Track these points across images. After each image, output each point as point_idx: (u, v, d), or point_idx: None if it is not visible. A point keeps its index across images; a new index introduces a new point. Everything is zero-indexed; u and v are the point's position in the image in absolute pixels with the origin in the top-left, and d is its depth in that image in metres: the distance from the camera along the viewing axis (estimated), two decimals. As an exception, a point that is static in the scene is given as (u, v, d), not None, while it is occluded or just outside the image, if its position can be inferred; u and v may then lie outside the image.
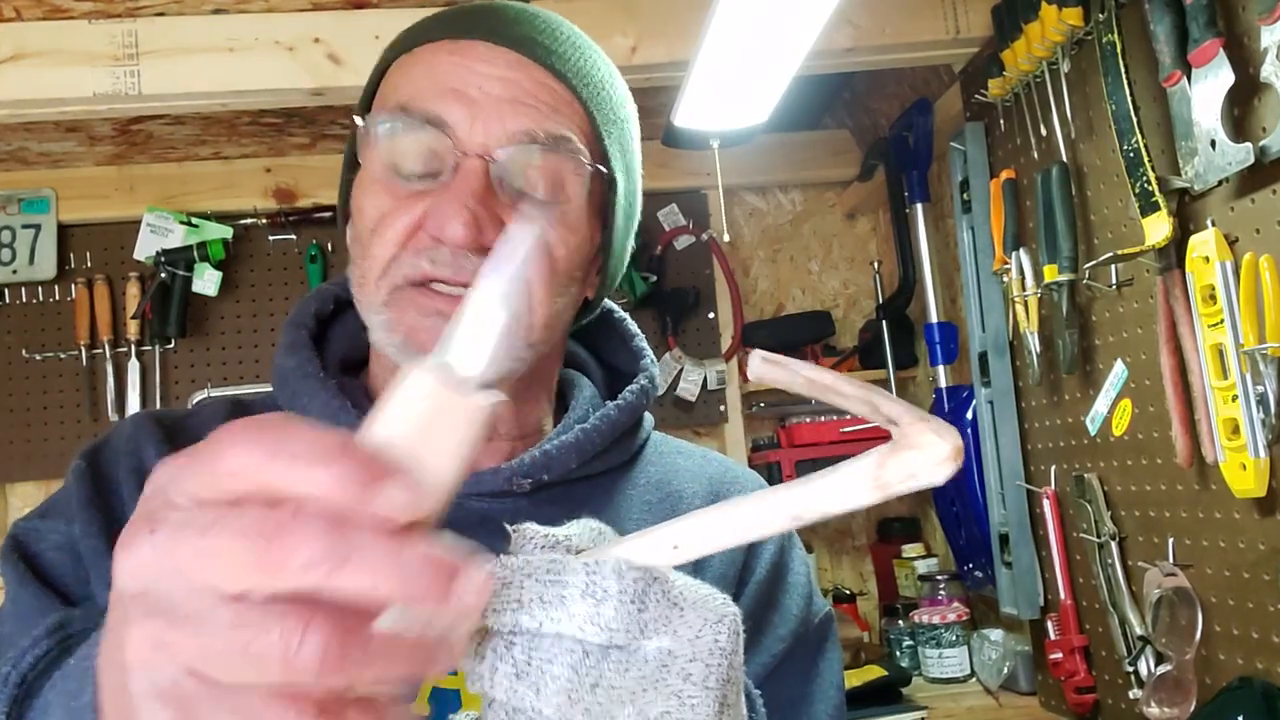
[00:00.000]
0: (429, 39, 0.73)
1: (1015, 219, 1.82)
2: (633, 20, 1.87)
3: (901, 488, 0.39)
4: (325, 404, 0.74)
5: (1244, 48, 1.27)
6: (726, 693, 0.41)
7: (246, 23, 1.82)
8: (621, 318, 0.88)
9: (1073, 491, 1.74)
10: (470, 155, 0.68)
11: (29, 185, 2.54)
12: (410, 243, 0.69)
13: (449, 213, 0.66)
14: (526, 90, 0.70)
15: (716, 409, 2.70)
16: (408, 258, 0.69)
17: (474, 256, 0.67)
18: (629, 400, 0.80)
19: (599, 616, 0.39)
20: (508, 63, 0.71)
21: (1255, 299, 1.24)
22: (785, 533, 0.84)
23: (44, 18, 1.77)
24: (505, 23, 0.73)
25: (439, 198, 0.68)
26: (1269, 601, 1.31)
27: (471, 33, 0.72)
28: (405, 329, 0.69)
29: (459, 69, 0.70)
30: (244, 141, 2.51)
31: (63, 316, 2.54)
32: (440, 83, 0.70)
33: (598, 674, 0.39)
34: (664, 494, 0.81)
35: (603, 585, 0.39)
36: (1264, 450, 1.27)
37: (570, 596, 0.39)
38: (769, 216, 2.91)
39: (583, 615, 0.39)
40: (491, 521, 0.73)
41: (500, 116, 0.69)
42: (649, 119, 2.53)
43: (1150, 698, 1.49)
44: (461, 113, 0.69)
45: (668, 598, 0.41)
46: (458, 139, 0.68)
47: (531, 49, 0.72)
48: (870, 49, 1.94)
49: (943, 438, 0.39)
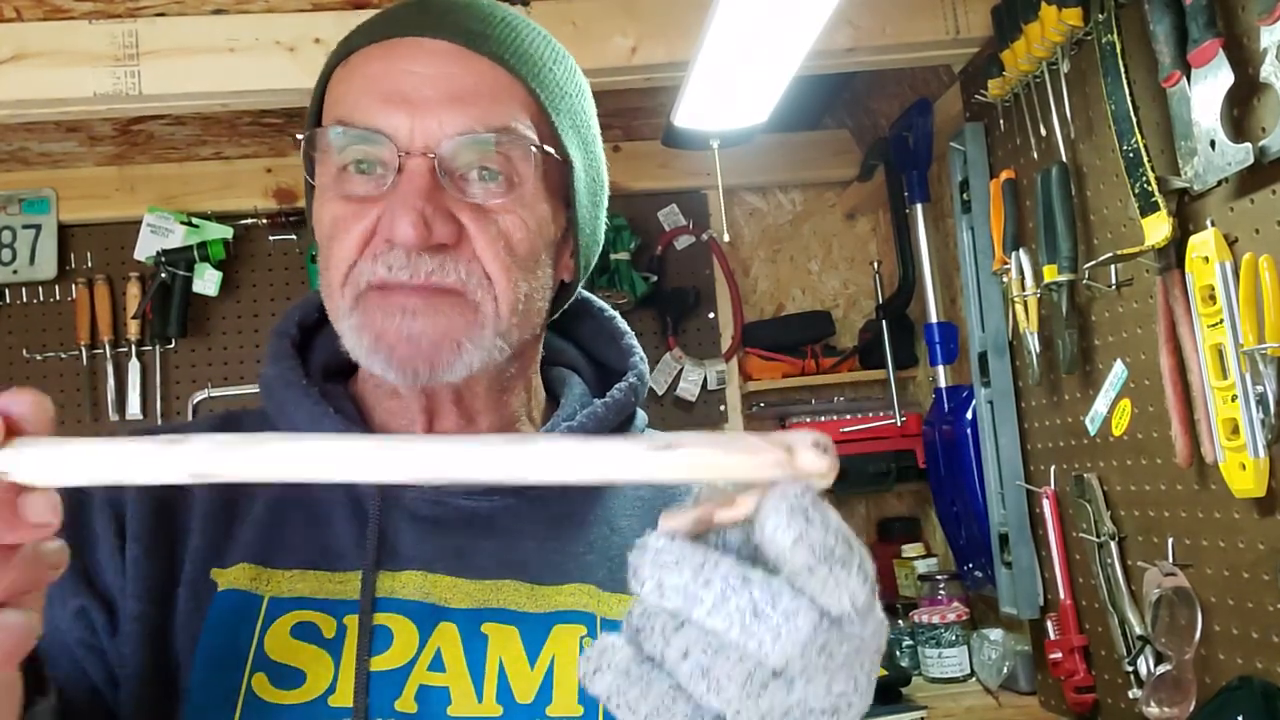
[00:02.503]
0: (360, 45, 0.73)
1: (1015, 219, 1.82)
2: (633, 20, 1.87)
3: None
4: (309, 411, 0.74)
5: (1243, 48, 1.28)
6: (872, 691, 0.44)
7: (247, 23, 1.82)
8: (611, 315, 0.87)
9: (1072, 491, 1.74)
10: (413, 155, 0.68)
11: (30, 185, 2.54)
12: (367, 249, 0.69)
13: (398, 214, 0.66)
14: (463, 83, 0.70)
15: (716, 409, 2.70)
16: (365, 264, 0.69)
17: (427, 256, 0.67)
18: (616, 398, 0.79)
19: (858, 595, 0.41)
20: (441, 57, 0.70)
21: (1255, 299, 1.24)
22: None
23: (44, 18, 1.77)
24: (435, 16, 0.72)
25: (389, 201, 0.68)
26: (1269, 601, 1.31)
27: (401, 31, 0.71)
28: (373, 332, 0.69)
29: (391, 73, 0.70)
30: (244, 142, 2.51)
31: (63, 316, 2.54)
32: (374, 90, 0.69)
33: (826, 639, 0.41)
34: (656, 490, 0.80)
35: (868, 566, 0.42)
36: (1263, 450, 1.27)
37: (853, 567, 0.41)
38: (769, 216, 2.91)
39: (853, 588, 0.41)
40: (478, 519, 0.74)
41: (438, 117, 0.68)
42: (649, 119, 2.53)
43: (1150, 697, 1.49)
44: (400, 119, 0.68)
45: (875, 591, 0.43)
46: (399, 144, 0.68)
47: (464, 38, 0.70)
48: (870, 49, 1.94)
49: (821, 446, 0.42)
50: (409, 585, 0.70)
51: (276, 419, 0.76)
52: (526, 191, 0.71)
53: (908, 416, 2.52)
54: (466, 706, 0.67)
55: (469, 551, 0.71)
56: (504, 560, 0.72)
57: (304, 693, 0.66)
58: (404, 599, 0.69)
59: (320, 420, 0.73)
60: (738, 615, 0.40)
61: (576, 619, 0.71)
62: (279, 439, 0.42)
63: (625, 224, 2.56)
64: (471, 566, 0.71)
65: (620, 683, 0.42)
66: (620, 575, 0.73)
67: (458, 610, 0.70)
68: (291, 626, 0.68)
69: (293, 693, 0.66)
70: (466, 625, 0.69)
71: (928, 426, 2.32)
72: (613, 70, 1.86)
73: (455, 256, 0.68)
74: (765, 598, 0.40)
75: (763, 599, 0.40)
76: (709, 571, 0.41)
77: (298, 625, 0.68)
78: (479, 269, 0.69)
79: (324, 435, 0.43)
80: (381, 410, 0.77)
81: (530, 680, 0.69)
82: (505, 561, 0.72)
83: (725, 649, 0.41)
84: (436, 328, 0.68)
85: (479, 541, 0.72)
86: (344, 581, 0.70)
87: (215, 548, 0.70)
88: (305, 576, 0.70)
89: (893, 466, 2.51)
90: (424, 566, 0.71)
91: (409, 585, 0.70)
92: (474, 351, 0.69)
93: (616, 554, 0.75)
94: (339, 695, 0.66)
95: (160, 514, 0.71)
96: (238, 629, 0.67)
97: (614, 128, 2.59)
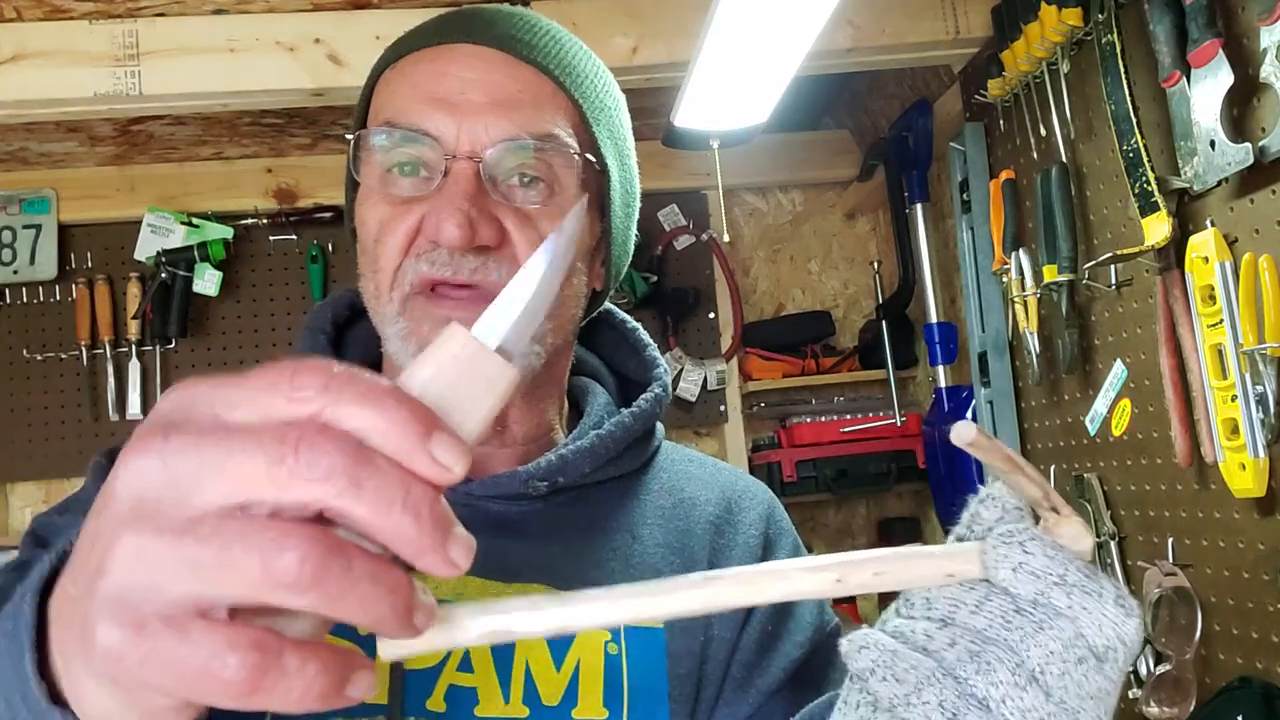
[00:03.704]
0: (410, 50, 0.74)
1: (1015, 219, 1.82)
2: (633, 20, 1.87)
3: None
4: None
5: (1243, 48, 1.28)
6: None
7: (247, 23, 1.82)
8: (634, 327, 0.89)
9: (1072, 491, 1.74)
10: (459, 158, 0.69)
11: (30, 185, 2.54)
12: (411, 248, 0.70)
13: (443, 215, 0.67)
14: (509, 90, 0.71)
15: (716, 409, 2.70)
16: (410, 263, 0.70)
17: (471, 256, 0.69)
18: (643, 408, 0.80)
19: (1122, 627, 0.43)
20: (488, 63, 0.72)
21: (1254, 299, 1.24)
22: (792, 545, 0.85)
23: (44, 18, 1.77)
24: (483, 24, 0.74)
25: (434, 202, 0.69)
26: (1269, 601, 1.31)
27: (449, 37, 0.73)
28: (420, 338, 0.70)
29: (439, 76, 0.71)
30: (245, 142, 2.51)
31: (63, 316, 2.54)
32: (423, 93, 0.71)
33: (1083, 655, 0.43)
34: (676, 500, 0.81)
35: (1130, 602, 0.43)
36: (1263, 450, 1.27)
37: (1106, 598, 0.43)
38: (769, 216, 2.91)
39: (1111, 618, 0.42)
40: (508, 523, 0.74)
41: (484, 121, 0.70)
42: (649, 119, 2.52)
43: (1150, 697, 1.49)
44: (446, 121, 0.70)
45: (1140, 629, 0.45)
46: (446, 146, 0.69)
47: (512, 46, 0.72)
48: (870, 49, 1.94)
49: (1087, 535, 0.45)
50: (442, 586, 0.70)
51: None
52: (566, 198, 0.72)
53: (908, 416, 2.52)
54: (494, 707, 0.68)
55: (499, 554, 0.72)
56: (532, 564, 0.73)
57: None
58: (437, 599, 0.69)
59: None
60: (999, 614, 0.43)
61: None
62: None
63: (625, 224, 2.55)
64: (501, 569, 0.72)
65: (887, 658, 0.44)
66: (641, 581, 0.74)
67: None
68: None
69: None
70: None
71: (928, 426, 2.32)
72: (613, 70, 1.83)
73: (497, 258, 0.70)
74: (1027, 604, 0.43)
75: (1024, 604, 0.43)
76: (973, 583, 0.44)
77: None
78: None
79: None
80: None
81: (556, 683, 0.69)
82: (534, 565, 0.73)
83: (992, 642, 0.43)
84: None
85: (509, 545, 0.73)
86: None
87: None
88: None
89: (893, 466, 2.51)
90: None
91: (442, 586, 0.70)
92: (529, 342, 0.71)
93: (638, 560, 0.75)
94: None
95: None
96: None
97: (614, 128, 2.59)
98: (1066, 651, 0.42)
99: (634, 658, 0.71)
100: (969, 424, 0.44)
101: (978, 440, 0.44)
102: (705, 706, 0.73)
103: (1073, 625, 0.42)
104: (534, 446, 0.79)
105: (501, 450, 0.78)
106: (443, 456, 0.34)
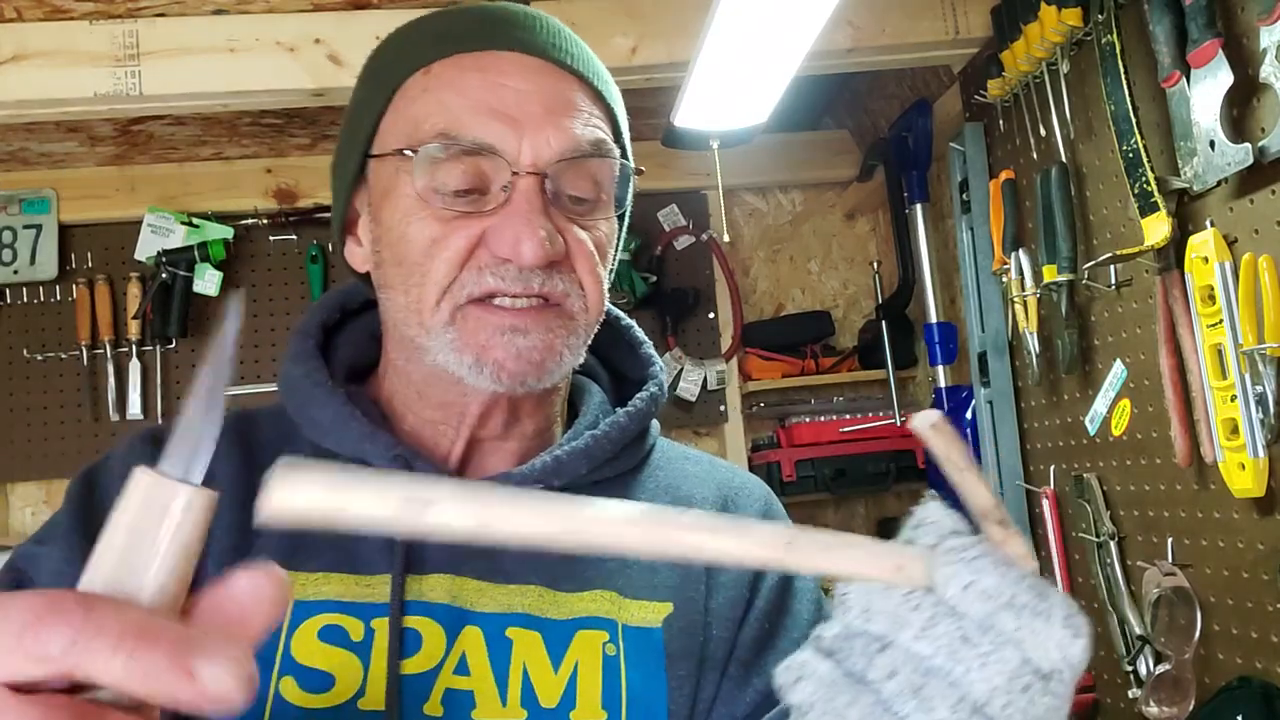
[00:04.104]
0: (444, 54, 0.73)
1: (1014, 219, 1.82)
2: (633, 20, 1.87)
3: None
4: (336, 412, 0.74)
5: (1243, 48, 1.28)
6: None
7: (247, 23, 1.82)
8: (629, 325, 0.89)
9: (1072, 491, 1.74)
10: (524, 174, 0.69)
11: (30, 185, 2.54)
12: (469, 262, 0.70)
13: (523, 233, 0.67)
14: (561, 99, 0.72)
15: (716, 409, 2.70)
16: (469, 276, 0.70)
17: (540, 272, 0.69)
18: (639, 407, 0.80)
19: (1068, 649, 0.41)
20: (536, 73, 0.72)
21: (1254, 299, 1.24)
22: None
23: (44, 18, 1.78)
24: (520, 30, 0.74)
25: (504, 218, 0.69)
26: (1268, 601, 1.31)
27: (491, 43, 0.72)
28: (477, 348, 0.70)
29: (492, 87, 0.71)
30: (245, 142, 2.51)
31: (63, 316, 2.54)
32: (477, 104, 0.70)
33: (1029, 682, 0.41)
34: (673, 499, 0.81)
35: (1079, 622, 0.42)
36: (1263, 450, 1.27)
37: (1054, 620, 0.41)
38: (769, 217, 2.91)
39: (1057, 640, 0.41)
40: None
41: (544, 133, 0.70)
42: (649, 119, 2.53)
43: (1149, 697, 1.49)
44: (507, 133, 0.69)
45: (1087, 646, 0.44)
46: (509, 159, 0.69)
47: (551, 52, 0.73)
48: (870, 49, 1.94)
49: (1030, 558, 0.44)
50: (437, 589, 0.70)
51: (299, 418, 0.77)
52: (609, 202, 0.74)
53: (907, 416, 2.51)
54: (491, 710, 0.67)
55: (495, 555, 0.72)
56: (529, 565, 0.72)
57: (333, 696, 0.66)
58: (431, 602, 0.70)
59: (348, 421, 0.74)
60: (945, 640, 0.41)
61: (599, 625, 0.72)
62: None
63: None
64: (497, 570, 0.72)
65: (825, 691, 0.43)
66: (640, 582, 0.74)
67: (483, 614, 0.70)
68: (319, 630, 0.68)
69: (321, 696, 0.66)
70: (491, 629, 0.70)
71: (927, 426, 2.32)
72: (613, 70, 1.82)
73: (561, 269, 0.71)
74: (974, 628, 0.41)
75: (971, 629, 0.41)
76: (918, 598, 0.42)
77: (325, 628, 0.68)
78: (577, 280, 0.72)
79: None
80: (417, 417, 0.77)
81: (554, 685, 0.69)
82: (530, 566, 0.72)
83: (934, 673, 0.41)
84: (544, 342, 0.70)
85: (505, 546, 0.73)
86: (371, 585, 0.70)
87: (237, 550, 0.70)
88: (331, 579, 0.70)
89: (893, 466, 2.51)
90: (451, 569, 0.71)
91: (437, 589, 0.70)
92: (570, 358, 0.73)
93: (636, 561, 0.75)
94: (369, 699, 0.66)
95: None
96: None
97: (614, 128, 2.59)
98: (1012, 682, 0.41)
99: (632, 659, 0.71)
100: (933, 412, 0.43)
101: (940, 426, 0.43)
102: (703, 707, 0.73)
103: (1019, 652, 0.41)
104: (537, 441, 0.79)
105: (508, 443, 0.78)
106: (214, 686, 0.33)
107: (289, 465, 0.38)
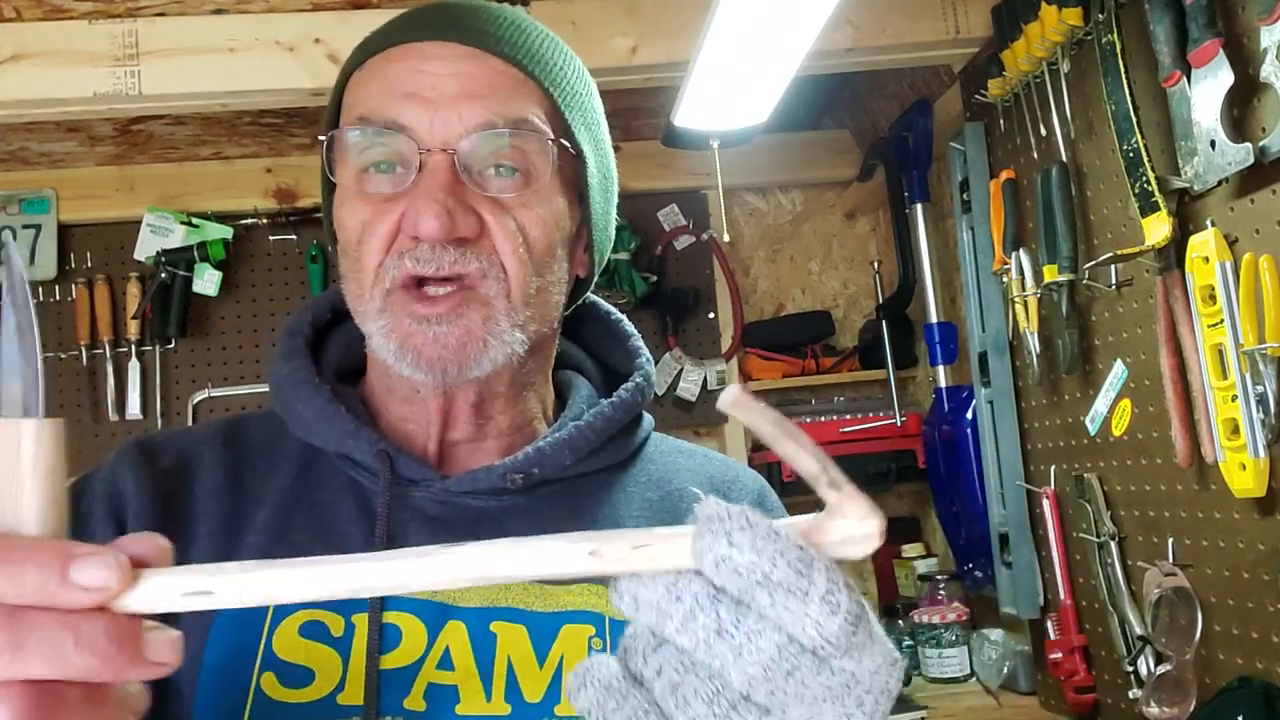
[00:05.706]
0: (377, 50, 0.75)
1: (1015, 219, 1.82)
2: (633, 20, 1.87)
3: (834, 551, 0.42)
4: (320, 409, 0.74)
5: (1244, 48, 1.28)
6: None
7: (247, 23, 1.82)
8: (618, 318, 0.88)
9: (1072, 491, 1.74)
10: (434, 151, 0.69)
11: (29, 185, 2.54)
12: (393, 246, 0.71)
13: (421, 209, 0.68)
14: (480, 80, 0.71)
15: (716, 409, 2.70)
16: (392, 261, 0.70)
17: (451, 249, 0.69)
18: (623, 398, 0.80)
19: (824, 626, 0.40)
20: (458, 57, 0.72)
21: (1255, 299, 1.24)
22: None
23: (44, 18, 1.78)
24: (449, 20, 0.74)
25: (411, 197, 0.69)
26: (1269, 601, 1.31)
27: (417, 35, 0.73)
28: (401, 334, 0.70)
29: (410, 72, 0.72)
30: (244, 141, 2.51)
31: (63, 316, 2.54)
32: (394, 88, 0.71)
33: (794, 665, 0.40)
34: (664, 492, 0.81)
35: (839, 598, 0.40)
36: (1263, 450, 1.27)
37: (812, 597, 0.40)
38: (769, 216, 2.91)
39: (814, 618, 0.40)
40: (487, 518, 0.74)
41: (457, 111, 0.70)
42: (649, 119, 2.53)
43: (1150, 697, 1.49)
44: (419, 113, 0.70)
45: (870, 629, 0.42)
46: (419, 139, 0.70)
47: (480, 39, 0.73)
48: (870, 49, 1.94)
49: (875, 514, 0.42)
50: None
51: (285, 417, 0.77)
52: (542, 186, 0.73)
53: (908, 416, 2.52)
54: (475, 705, 0.67)
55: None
56: None
57: (313, 691, 0.66)
58: (413, 597, 0.69)
59: (331, 418, 0.74)
60: (703, 633, 0.40)
61: (585, 619, 0.72)
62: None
63: (625, 224, 2.55)
64: None
65: (600, 697, 0.42)
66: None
67: (467, 609, 0.70)
68: (300, 626, 0.68)
69: (302, 691, 0.66)
70: (475, 624, 0.69)
71: (927, 426, 2.32)
72: (613, 70, 1.86)
73: (476, 249, 0.70)
74: (731, 617, 0.40)
75: (728, 618, 0.40)
76: (680, 588, 0.41)
77: (306, 624, 0.68)
78: (497, 262, 0.71)
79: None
80: (391, 415, 0.78)
81: (539, 680, 0.69)
82: None
83: (695, 667, 0.41)
84: (462, 329, 0.70)
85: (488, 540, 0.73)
86: None
87: (221, 549, 0.70)
88: None
89: (893, 466, 2.51)
90: None
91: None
92: (497, 346, 0.71)
93: None
94: (348, 694, 0.66)
95: (165, 519, 0.71)
96: (245, 629, 0.67)
97: (614, 128, 2.56)
98: (774, 665, 0.40)
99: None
100: (733, 386, 0.42)
101: (740, 400, 0.41)
102: None
103: (778, 633, 0.40)
104: (518, 437, 0.79)
105: (485, 442, 0.78)
106: (89, 580, 0.37)
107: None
